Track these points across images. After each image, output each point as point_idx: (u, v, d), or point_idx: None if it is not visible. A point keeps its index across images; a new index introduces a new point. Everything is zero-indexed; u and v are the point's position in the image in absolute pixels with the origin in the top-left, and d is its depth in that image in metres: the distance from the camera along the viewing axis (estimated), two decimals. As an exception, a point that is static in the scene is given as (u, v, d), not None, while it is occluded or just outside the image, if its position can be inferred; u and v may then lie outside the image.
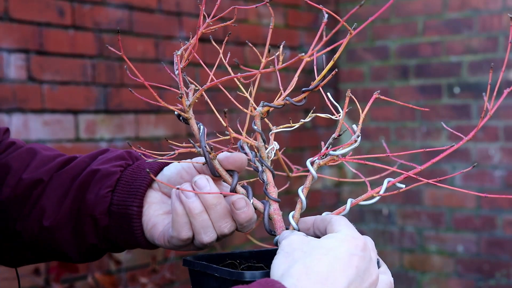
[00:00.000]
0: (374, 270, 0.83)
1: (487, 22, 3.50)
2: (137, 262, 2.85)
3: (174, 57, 0.94)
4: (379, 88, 3.79)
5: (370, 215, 3.89)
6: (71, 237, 1.06)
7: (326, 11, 0.93)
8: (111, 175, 1.04)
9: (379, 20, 3.81)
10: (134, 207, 1.02)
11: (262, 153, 0.95)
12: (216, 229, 0.97)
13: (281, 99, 0.95)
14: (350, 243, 0.82)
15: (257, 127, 0.95)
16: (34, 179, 1.08)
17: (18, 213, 1.08)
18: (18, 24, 2.44)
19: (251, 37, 3.24)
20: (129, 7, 2.81)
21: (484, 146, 3.53)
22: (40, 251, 1.11)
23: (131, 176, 1.04)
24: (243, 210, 0.95)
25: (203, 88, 0.93)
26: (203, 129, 0.96)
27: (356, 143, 0.91)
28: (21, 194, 1.08)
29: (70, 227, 1.06)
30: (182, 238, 0.97)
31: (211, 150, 0.95)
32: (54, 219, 1.06)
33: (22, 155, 1.12)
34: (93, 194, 1.04)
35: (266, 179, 0.95)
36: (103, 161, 1.07)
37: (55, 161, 1.10)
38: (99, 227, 1.04)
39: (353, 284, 0.79)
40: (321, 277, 0.78)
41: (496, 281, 3.51)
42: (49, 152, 1.13)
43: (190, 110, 0.96)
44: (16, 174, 1.09)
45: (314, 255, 0.80)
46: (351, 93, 0.91)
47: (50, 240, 1.07)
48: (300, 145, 3.65)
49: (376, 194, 0.91)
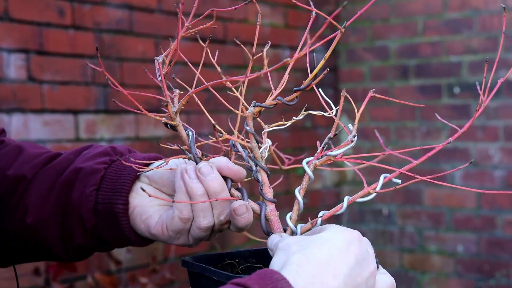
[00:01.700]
0: (372, 261, 0.83)
1: (487, 22, 3.50)
2: (137, 262, 2.85)
3: (156, 63, 0.93)
4: (379, 88, 3.79)
5: (370, 215, 3.89)
6: (56, 235, 1.05)
7: (318, 13, 0.92)
8: (95, 173, 1.04)
9: (379, 20, 3.81)
10: (119, 205, 1.02)
11: (256, 154, 0.95)
12: (214, 215, 0.97)
13: (272, 98, 0.94)
14: (346, 233, 0.83)
15: (250, 127, 0.94)
16: (18, 176, 1.07)
17: (3, 212, 1.07)
18: (18, 24, 2.44)
19: (251, 37, 3.23)
20: (129, 7, 2.81)
21: (484, 146, 3.53)
22: (26, 249, 1.10)
23: (115, 173, 1.04)
24: (243, 216, 0.95)
25: (188, 94, 0.92)
26: (192, 135, 0.95)
27: (353, 143, 0.91)
28: (5, 191, 1.07)
29: (54, 224, 1.05)
30: (184, 217, 0.97)
31: (202, 155, 0.95)
32: (38, 217, 1.05)
33: (9, 152, 1.11)
34: (78, 193, 1.03)
35: (261, 180, 0.95)
36: (87, 158, 1.06)
37: (39, 158, 1.09)
38: (86, 226, 1.04)
39: (353, 271, 0.80)
40: (322, 262, 0.79)
41: (496, 281, 3.51)
42: (36, 150, 1.12)
43: (177, 117, 0.95)
44: (1, 171, 1.09)
45: (312, 246, 0.81)
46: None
47: (34, 238, 1.06)
48: (300, 145, 3.65)
49: (372, 191, 0.91)
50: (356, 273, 0.80)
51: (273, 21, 3.52)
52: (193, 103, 1.02)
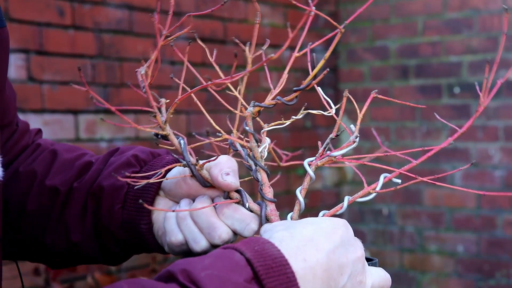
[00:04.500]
0: (359, 248, 0.83)
1: (487, 22, 3.50)
2: (137, 262, 2.85)
3: (138, 76, 0.91)
4: (379, 88, 3.79)
5: (370, 215, 3.89)
6: (95, 249, 1.07)
7: (320, 14, 0.92)
8: (119, 189, 1.03)
9: (379, 20, 3.81)
10: (142, 225, 1.01)
11: (255, 154, 0.95)
12: (206, 236, 0.95)
13: (271, 98, 0.94)
14: (333, 219, 0.84)
15: (249, 127, 0.94)
16: (53, 187, 1.08)
17: (44, 225, 1.08)
18: (18, 24, 2.44)
19: (251, 37, 3.23)
20: (129, 7, 2.81)
21: (484, 146, 3.53)
22: (69, 260, 1.12)
23: (136, 191, 1.03)
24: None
25: (176, 102, 0.91)
26: (184, 143, 0.95)
27: (355, 144, 0.91)
28: (46, 205, 1.08)
29: (93, 239, 1.06)
30: (172, 241, 0.97)
31: (197, 161, 0.94)
32: (80, 235, 1.06)
33: (45, 159, 1.11)
34: (106, 209, 1.04)
35: (261, 180, 0.94)
36: (113, 169, 1.05)
37: (73, 168, 1.09)
38: (119, 239, 1.05)
39: (338, 250, 0.80)
40: (306, 238, 0.79)
41: (496, 281, 3.51)
42: (69, 155, 1.12)
43: (167, 126, 0.94)
44: (41, 180, 1.09)
45: (297, 226, 0.82)
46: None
47: (79, 253, 1.08)
48: (300, 145, 3.65)
49: (372, 191, 0.91)
50: (340, 253, 0.80)
51: (273, 21, 3.52)
52: (193, 103, 1.02)
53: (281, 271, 0.75)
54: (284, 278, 0.75)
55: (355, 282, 0.81)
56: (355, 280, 0.81)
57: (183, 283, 0.72)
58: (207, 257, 0.77)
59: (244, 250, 0.77)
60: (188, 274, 0.73)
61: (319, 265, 0.78)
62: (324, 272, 0.78)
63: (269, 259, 0.76)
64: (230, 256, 0.76)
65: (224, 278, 0.73)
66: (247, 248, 0.77)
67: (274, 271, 0.75)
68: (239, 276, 0.74)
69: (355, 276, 0.81)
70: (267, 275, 0.75)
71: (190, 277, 0.73)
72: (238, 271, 0.74)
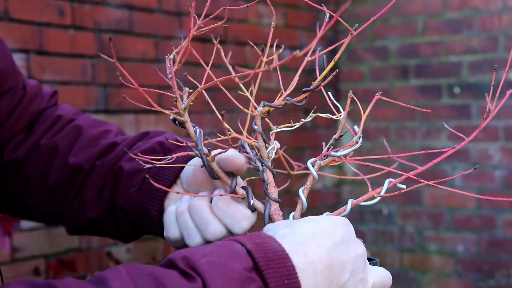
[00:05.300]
0: (360, 245, 0.84)
1: (487, 22, 3.50)
2: (137, 262, 2.85)
3: (166, 61, 0.94)
4: (379, 88, 3.79)
5: (370, 215, 3.89)
6: (112, 225, 1.09)
7: (327, 12, 0.93)
8: (138, 173, 1.05)
9: (379, 20, 3.81)
10: (153, 211, 1.03)
11: (262, 153, 0.95)
12: (200, 232, 0.96)
13: (282, 99, 0.95)
14: (332, 218, 0.84)
15: (258, 127, 0.95)
16: (76, 165, 1.09)
17: (64, 199, 1.11)
18: (18, 24, 2.44)
19: (251, 37, 3.24)
20: (129, 7, 2.81)
21: (484, 146, 3.53)
22: (88, 232, 1.16)
23: (155, 174, 1.04)
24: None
25: (197, 90, 0.92)
26: (199, 132, 0.96)
27: (358, 144, 0.91)
28: (67, 179, 1.10)
29: (109, 215, 1.08)
30: (169, 237, 0.98)
31: (209, 152, 0.95)
32: (97, 211, 1.08)
33: (69, 135, 1.12)
34: (123, 191, 1.05)
35: (266, 179, 0.95)
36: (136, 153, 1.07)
37: (97, 147, 1.11)
38: (133, 220, 1.06)
39: (339, 247, 0.80)
40: (307, 235, 0.80)
41: (496, 281, 3.51)
42: (93, 130, 1.13)
43: (186, 113, 0.96)
44: (63, 156, 1.10)
45: (299, 224, 0.82)
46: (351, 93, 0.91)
47: (96, 228, 1.11)
48: (300, 145, 3.65)
49: (377, 195, 0.91)
50: (341, 250, 0.80)
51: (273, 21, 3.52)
52: (193, 103, 1.02)
53: (281, 263, 0.76)
54: (284, 270, 0.75)
55: (357, 280, 0.81)
56: (357, 278, 0.81)
57: (183, 269, 0.73)
58: (208, 245, 0.78)
59: (245, 242, 0.78)
60: (188, 261, 0.74)
61: (320, 261, 0.78)
62: (326, 268, 0.78)
63: (270, 252, 0.76)
64: (231, 246, 0.77)
65: (224, 265, 0.73)
66: (248, 240, 0.78)
67: (274, 263, 0.75)
68: (239, 264, 0.74)
69: (357, 274, 0.81)
70: (267, 266, 0.75)
71: (190, 264, 0.73)
72: (238, 260, 0.75)
